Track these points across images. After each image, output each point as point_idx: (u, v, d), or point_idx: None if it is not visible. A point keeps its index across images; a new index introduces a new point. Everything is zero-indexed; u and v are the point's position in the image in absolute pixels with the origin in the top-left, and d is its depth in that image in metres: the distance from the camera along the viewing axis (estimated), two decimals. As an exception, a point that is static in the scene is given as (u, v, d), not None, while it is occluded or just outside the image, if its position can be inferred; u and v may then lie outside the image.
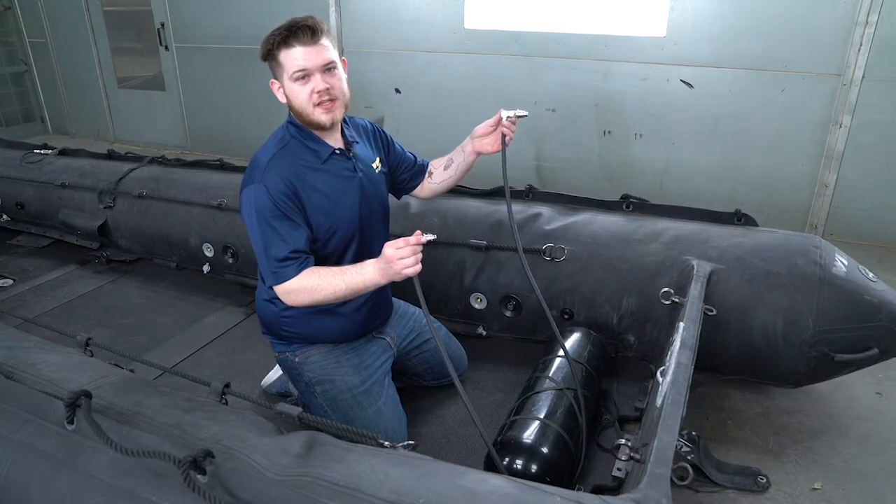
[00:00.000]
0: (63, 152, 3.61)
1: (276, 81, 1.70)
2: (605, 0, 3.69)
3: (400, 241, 1.50)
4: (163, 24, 5.23)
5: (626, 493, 1.07)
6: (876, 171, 3.38)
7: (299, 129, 1.72)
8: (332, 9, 4.41)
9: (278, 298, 1.75)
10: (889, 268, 3.05)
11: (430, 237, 1.51)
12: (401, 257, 1.48)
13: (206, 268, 2.97)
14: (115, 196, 3.14)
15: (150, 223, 3.06)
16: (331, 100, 1.65)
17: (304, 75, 1.62)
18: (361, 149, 1.83)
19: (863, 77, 3.23)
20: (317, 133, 1.72)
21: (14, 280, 3.17)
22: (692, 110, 3.67)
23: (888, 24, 3.11)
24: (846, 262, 1.95)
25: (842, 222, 3.52)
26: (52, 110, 6.33)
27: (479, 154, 1.92)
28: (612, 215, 2.32)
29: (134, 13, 5.52)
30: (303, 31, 1.61)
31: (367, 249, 1.82)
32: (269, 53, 1.64)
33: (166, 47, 5.30)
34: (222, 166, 3.14)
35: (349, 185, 1.75)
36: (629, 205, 2.37)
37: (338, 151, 1.75)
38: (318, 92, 1.63)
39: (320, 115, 1.66)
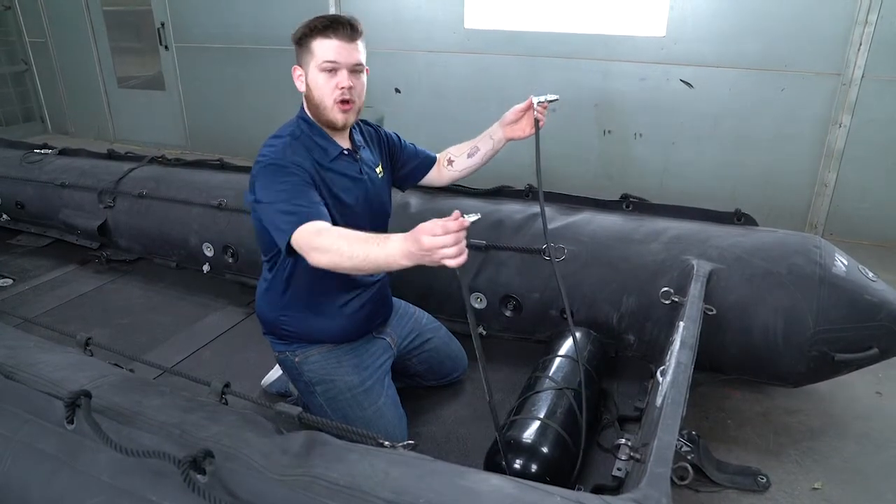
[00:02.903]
0: (63, 152, 3.61)
1: (299, 68, 1.70)
2: (604, 0, 3.69)
3: (437, 227, 1.20)
4: (163, 24, 5.23)
5: (626, 492, 1.07)
6: (876, 171, 3.38)
7: (310, 125, 1.72)
8: (333, 8, 4.41)
9: (277, 295, 1.78)
10: (889, 267, 3.04)
11: (475, 217, 1.23)
12: (441, 246, 1.22)
13: (205, 267, 2.97)
14: (115, 196, 3.14)
15: (150, 223, 3.05)
16: (350, 101, 1.67)
17: (333, 68, 1.64)
18: (366, 153, 1.85)
19: (862, 76, 3.23)
20: (327, 131, 1.73)
21: (14, 280, 3.17)
22: (692, 110, 3.67)
23: (888, 23, 3.11)
24: (846, 262, 1.95)
25: (842, 222, 3.52)
26: (52, 110, 6.33)
27: (509, 140, 1.95)
28: (611, 215, 2.32)
29: (134, 13, 5.51)
30: (344, 26, 1.63)
31: None
32: (304, 38, 1.64)
33: (166, 47, 5.30)
34: (222, 166, 3.13)
35: (354, 186, 1.76)
36: (629, 204, 2.37)
37: (346, 152, 1.76)
38: (342, 88, 1.64)
39: (336, 114, 1.68)
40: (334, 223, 1.66)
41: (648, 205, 2.35)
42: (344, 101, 1.66)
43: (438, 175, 2.09)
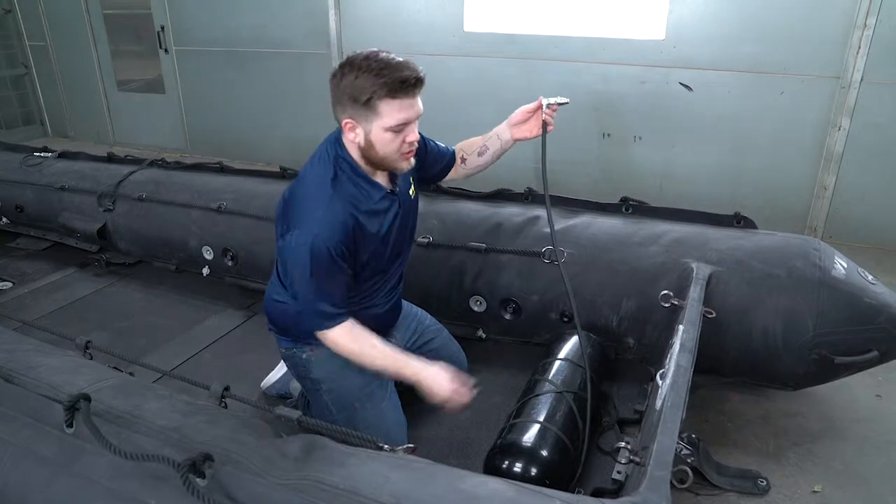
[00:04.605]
0: (63, 155, 3.60)
1: (352, 121, 1.55)
2: (604, 3, 3.69)
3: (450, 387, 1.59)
4: (163, 28, 5.24)
5: (625, 496, 1.07)
6: (875, 174, 3.38)
7: (353, 167, 1.63)
8: (332, 11, 4.42)
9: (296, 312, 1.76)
10: (888, 270, 3.05)
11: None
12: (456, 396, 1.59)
13: (205, 270, 2.97)
14: (115, 199, 3.14)
15: (150, 226, 3.05)
16: (415, 149, 1.63)
17: (403, 129, 1.56)
18: (402, 180, 1.78)
19: (861, 80, 3.23)
20: (368, 172, 1.66)
21: (13, 283, 3.17)
22: (691, 113, 3.68)
23: (886, 27, 3.11)
24: (845, 265, 1.95)
25: (841, 224, 3.53)
26: (52, 113, 6.33)
27: (516, 140, 1.92)
28: (611, 218, 2.32)
29: (134, 16, 5.52)
30: (414, 84, 1.52)
31: (387, 269, 1.82)
32: (370, 101, 1.50)
33: (166, 50, 5.30)
34: (222, 169, 3.14)
35: (392, 221, 1.72)
36: (628, 207, 2.37)
37: (388, 191, 1.70)
38: (411, 142, 1.58)
39: (402, 164, 1.62)
40: (367, 254, 1.68)
41: (648, 208, 2.35)
42: (410, 151, 1.61)
43: (454, 173, 2.04)
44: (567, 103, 1.83)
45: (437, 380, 1.60)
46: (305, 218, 1.57)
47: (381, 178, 1.69)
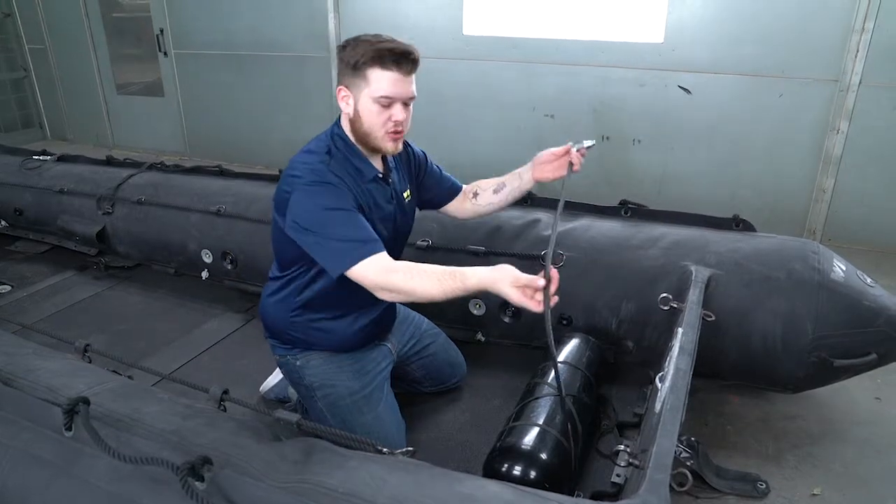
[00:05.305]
0: (62, 158, 3.61)
1: (345, 89, 1.62)
2: (603, 6, 3.70)
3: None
4: (162, 31, 5.24)
5: (625, 499, 1.07)
6: (873, 177, 3.39)
7: (347, 143, 1.67)
8: (331, 15, 4.43)
9: (289, 308, 1.76)
10: (887, 273, 3.05)
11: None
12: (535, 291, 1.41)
13: (204, 274, 2.97)
14: (114, 202, 3.14)
15: (149, 229, 3.05)
16: (401, 132, 1.64)
17: (389, 102, 1.59)
18: (396, 176, 1.81)
19: (860, 83, 3.24)
20: (364, 152, 1.69)
21: (12, 286, 3.16)
22: (690, 116, 3.68)
23: (884, 30, 3.12)
24: (844, 268, 1.96)
25: (840, 227, 3.53)
26: (51, 116, 6.34)
27: (536, 181, 1.89)
28: (610, 221, 2.32)
29: (133, 19, 5.54)
30: (407, 61, 1.57)
31: None
32: (358, 64, 1.56)
33: (165, 53, 5.31)
34: (221, 172, 3.14)
35: (384, 212, 1.73)
36: (627, 210, 2.37)
37: (379, 175, 1.72)
38: (396, 122, 1.60)
39: (387, 143, 1.64)
40: None
41: (647, 211, 2.35)
42: (395, 132, 1.63)
43: (461, 206, 2.03)
44: (594, 145, 1.81)
45: (502, 288, 1.41)
46: (302, 176, 1.58)
47: (374, 160, 1.72)
